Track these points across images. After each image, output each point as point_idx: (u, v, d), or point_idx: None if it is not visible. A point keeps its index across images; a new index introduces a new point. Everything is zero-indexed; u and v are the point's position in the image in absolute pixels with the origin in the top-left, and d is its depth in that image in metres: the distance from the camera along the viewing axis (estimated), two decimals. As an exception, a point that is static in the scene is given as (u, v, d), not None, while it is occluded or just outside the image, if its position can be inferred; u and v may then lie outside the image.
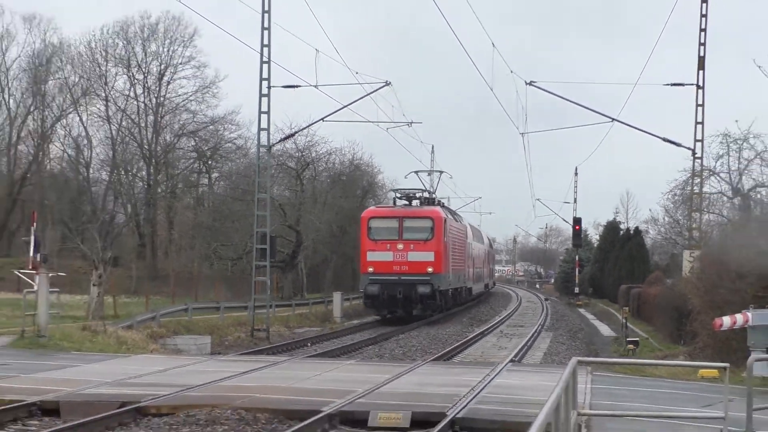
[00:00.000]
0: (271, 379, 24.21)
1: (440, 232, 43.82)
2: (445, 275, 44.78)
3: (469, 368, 28.83)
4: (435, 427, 17.07)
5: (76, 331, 35.09)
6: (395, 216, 45.55)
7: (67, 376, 23.41)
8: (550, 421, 8.49)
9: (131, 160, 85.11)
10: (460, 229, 59.39)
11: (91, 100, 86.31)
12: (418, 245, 43.34)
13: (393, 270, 43.44)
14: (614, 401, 20.53)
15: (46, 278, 33.93)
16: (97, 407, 18.63)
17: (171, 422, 18.11)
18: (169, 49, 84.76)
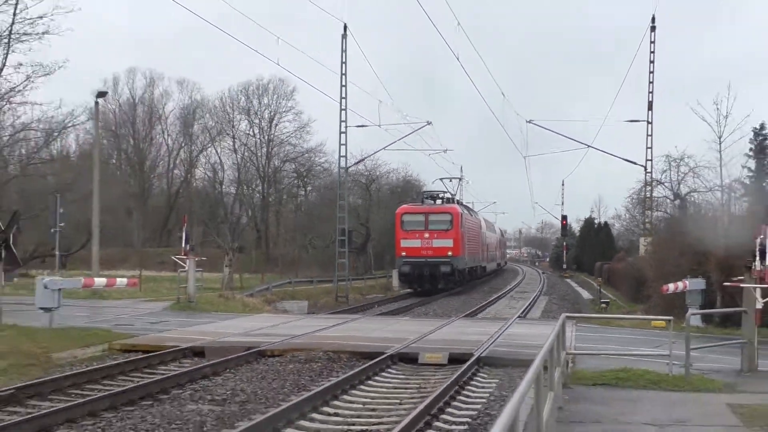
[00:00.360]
0: (350, 330, 24.38)
1: (457, 224, 43.17)
2: (462, 257, 44.29)
3: (489, 322, 28.82)
4: (465, 363, 17.40)
5: (214, 298, 35.46)
6: (422, 212, 44.88)
7: (209, 329, 23.72)
8: (547, 358, 9.06)
9: (251, 179, 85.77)
10: (475, 221, 57.86)
11: (222, 138, 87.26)
12: (441, 234, 42.67)
13: (421, 254, 42.69)
14: (592, 344, 20.85)
15: (193, 262, 34.42)
16: (230, 350, 19.03)
17: (281, 361, 18.48)
18: (276, 101, 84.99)
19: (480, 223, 61.04)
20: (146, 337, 21.17)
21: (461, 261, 43.65)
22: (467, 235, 47.02)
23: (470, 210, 57.64)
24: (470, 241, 48.97)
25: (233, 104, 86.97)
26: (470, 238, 49.17)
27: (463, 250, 44.62)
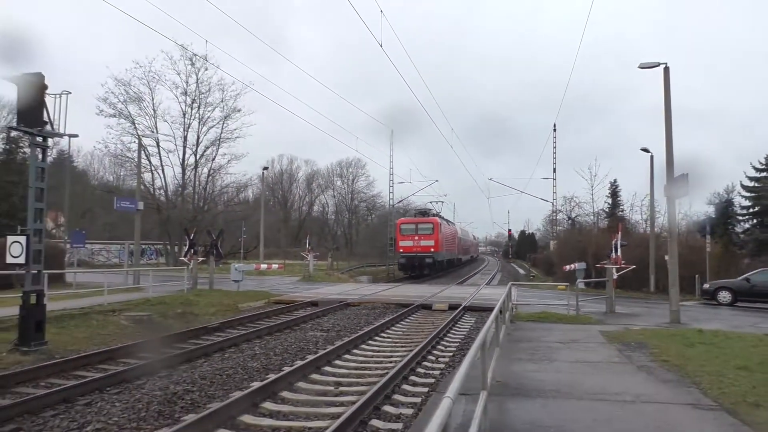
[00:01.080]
0: (394, 292, 24.06)
1: (437, 230, 39.10)
2: (441, 252, 40.16)
3: (469, 287, 28.84)
4: (457, 309, 17.38)
5: (322, 275, 35.38)
6: (413, 222, 40.14)
7: (320, 291, 23.80)
8: (502, 307, 9.09)
9: (342, 210, 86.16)
10: (452, 228, 51.87)
11: (327, 190, 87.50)
12: (426, 237, 38.31)
13: (413, 250, 38.33)
14: (526, 299, 20.77)
15: (312, 255, 34.81)
16: (331, 302, 18.97)
17: (358, 308, 18.53)
18: (356, 170, 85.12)
19: (456, 230, 54.48)
20: (287, 295, 21.35)
21: (440, 255, 40.09)
22: (445, 237, 43.26)
23: (448, 221, 51.25)
24: (447, 241, 44.62)
25: (333, 172, 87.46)
26: (447, 239, 44.85)
27: (442, 247, 41.01)
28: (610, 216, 45.81)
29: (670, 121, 16.38)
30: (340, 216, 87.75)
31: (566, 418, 6.05)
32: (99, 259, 44.77)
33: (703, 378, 7.96)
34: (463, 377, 3.38)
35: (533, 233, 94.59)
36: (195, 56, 38.23)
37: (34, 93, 10.85)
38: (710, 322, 15.72)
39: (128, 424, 6.37)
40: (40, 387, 8.17)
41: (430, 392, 7.96)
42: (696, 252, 27.33)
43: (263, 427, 6.43)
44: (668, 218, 17.51)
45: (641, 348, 10.67)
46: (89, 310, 15.18)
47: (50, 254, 16.83)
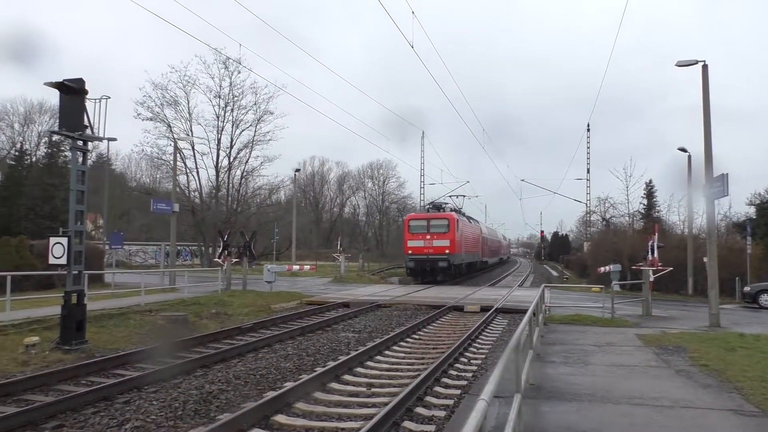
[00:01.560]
0: (426, 293, 24.06)
1: (453, 228, 32.32)
2: (458, 254, 33.55)
3: (502, 288, 28.48)
4: (490, 310, 17.25)
5: (353, 276, 35.59)
6: (425, 218, 33.43)
7: (351, 292, 23.79)
8: (535, 309, 8.99)
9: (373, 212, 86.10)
10: (474, 227, 43.12)
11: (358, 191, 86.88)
12: (439, 236, 31.78)
13: (424, 252, 31.92)
14: (559, 301, 20.47)
15: (343, 256, 34.98)
16: (363, 303, 19.08)
17: (390, 309, 18.48)
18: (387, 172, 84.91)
19: (480, 229, 46.16)
20: (319, 296, 21.45)
21: (457, 257, 33.81)
22: (465, 236, 36.25)
23: (470, 218, 44.17)
24: (468, 241, 37.66)
25: (364, 174, 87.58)
26: (468, 239, 37.83)
27: (460, 248, 34.31)
28: (645, 217, 44.84)
29: (709, 120, 15.98)
30: (371, 217, 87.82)
31: (602, 422, 5.95)
32: (136, 260, 45.76)
33: (744, 383, 7.73)
34: (498, 379, 3.35)
35: (566, 235, 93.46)
36: (228, 59, 38.85)
37: (75, 98, 11.17)
38: (751, 326, 15.29)
39: (165, 422, 6.49)
40: (81, 385, 8.38)
41: (462, 395, 7.91)
42: (736, 254, 26.59)
43: (296, 427, 6.48)
44: (707, 219, 17.09)
45: (679, 352, 10.42)
46: (127, 310, 15.51)
47: (90, 255, 17.25)
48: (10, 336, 11.51)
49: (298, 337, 12.97)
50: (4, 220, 41.12)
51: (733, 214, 40.55)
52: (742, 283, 24.63)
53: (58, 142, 44.27)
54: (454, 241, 31.86)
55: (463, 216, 38.53)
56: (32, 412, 6.59)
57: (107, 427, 6.28)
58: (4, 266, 18.99)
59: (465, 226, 36.92)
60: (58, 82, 10.93)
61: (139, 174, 67.73)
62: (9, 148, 50.70)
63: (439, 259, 31.36)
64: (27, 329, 12.18)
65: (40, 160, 48.29)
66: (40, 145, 50.84)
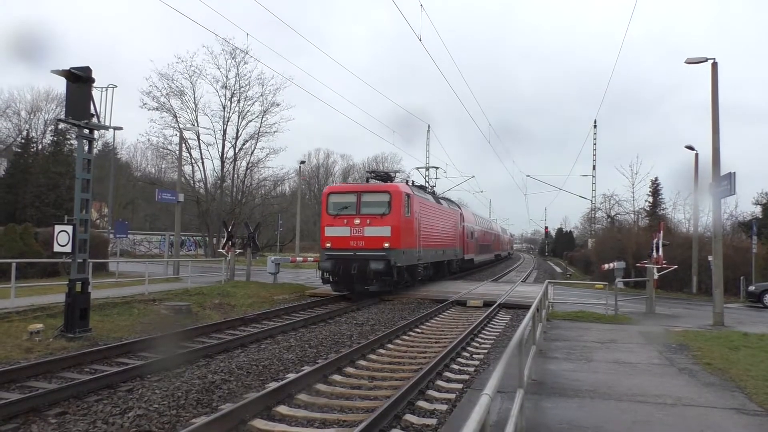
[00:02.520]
0: (429, 287, 23.72)
1: (399, 207, 20.11)
2: (408, 251, 21.12)
3: (505, 284, 28.42)
4: (492, 305, 17.23)
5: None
6: (353, 191, 21.28)
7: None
8: (538, 305, 8.96)
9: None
10: (447, 212, 29.30)
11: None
12: (375, 220, 20.01)
13: (349, 245, 20.14)
14: (563, 297, 20.41)
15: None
16: (365, 295, 19.02)
17: (392, 303, 18.53)
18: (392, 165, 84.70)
19: (461, 215, 33.23)
20: (322, 289, 21.33)
21: (405, 255, 20.68)
22: (424, 223, 23.40)
23: (444, 199, 31.86)
24: (431, 231, 24.82)
25: (369, 167, 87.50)
26: (432, 227, 24.97)
27: (412, 240, 21.41)
28: (651, 215, 44.84)
29: (717, 118, 15.88)
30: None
31: (604, 419, 5.94)
32: (140, 249, 45.93)
33: (747, 382, 7.71)
34: (500, 374, 3.34)
35: (571, 231, 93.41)
36: (235, 50, 38.76)
37: (82, 86, 11.17)
38: (756, 326, 15.25)
39: (168, 411, 6.51)
40: (84, 373, 8.42)
41: (464, 389, 7.92)
42: (741, 253, 26.50)
43: (298, 418, 6.49)
44: (713, 218, 16.98)
45: (683, 350, 10.40)
46: (131, 298, 15.57)
47: (94, 244, 17.28)
48: (14, 323, 11.57)
49: (300, 329, 13.00)
50: (10, 208, 41.28)
51: (739, 213, 40.50)
52: (746, 282, 24.58)
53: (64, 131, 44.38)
54: (399, 228, 19.49)
55: (426, 193, 26.12)
56: (36, 399, 6.62)
57: (110, 415, 6.30)
58: (9, 253, 19.08)
59: (425, 207, 23.55)
60: (65, 70, 10.93)
61: (145, 164, 67.86)
62: (15, 136, 50.80)
63: (373, 257, 18.97)
64: (31, 316, 12.25)
65: (46, 148, 48.43)
66: (47, 133, 50.94)
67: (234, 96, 41.42)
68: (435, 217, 25.32)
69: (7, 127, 51.96)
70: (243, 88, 41.32)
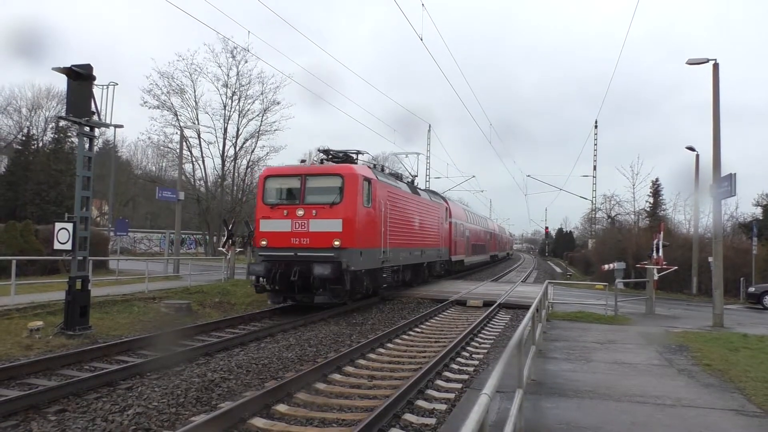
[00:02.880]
0: (429, 287, 23.76)
1: (355, 195, 14.74)
2: (366, 251, 15.52)
3: (505, 284, 28.38)
4: (492, 305, 17.23)
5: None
6: (296, 174, 15.32)
7: None
8: (538, 305, 8.96)
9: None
10: (428, 204, 24.49)
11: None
12: (323, 211, 14.47)
13: (290, 243, 14.56)
14: (562, 298, 20.40)
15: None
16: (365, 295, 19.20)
17: (392, 302, 18.41)
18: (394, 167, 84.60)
19: (445, 210, 27.88)
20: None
21: (360, 257, 15.36)
22: (392, 216, 18.16)
23: (415, 186, 24.61)
24: (402, 227, 19.60)
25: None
26: (403, 221, 19.73)
27: (371, 239, 16.28)
28: (651, 215, 44.82)
29: (718, 119, 15.88)
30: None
31: (603, 420, 5.94)
32: (140, 247, 45.89)
33: (747, 383, 7.71)
34: (500, 374, 3.34)
35: (571, 231, 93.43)
36: (236, 48, 38.73)
37: (83, 84, 11.17)
38: (755, 327, 15.25)
39: (167, 409, 6.51)
40: (84, 370, 8.44)
41: (464, 388, 7.92)
42: (741, 254, 26.52)
43: (297, 416, 6.49)
44: (713, 219, 16.98)
45: (682, 351, 10.40)
46: (131, 296, 15.57)
47: (95, 241, 17.28)
48: (14, 320, 11.57)
49: (300, 328, 12.99)
50: (10, 205, 41.27)
51: (739, 215, 40.45)
52: (746, 283, 24.59)
53: (65, 128, 44.28)
54: (354, 221, 15.14)
55: (398, 181, 20.80)
56: (35, 396, 6.63)
57: (109, 413, 6.30)
58: (9, 250, 19.09)
59: (395, 197, 18.83)
60: (66, 67, 10.94)
61: (145, 162, 67.71)
62: (16, 133, 50.76)
63: (318, 259, 14.60)
64: (31, 313, 12.25)
65: (46, 146, 48.33)
66: (47, 131, 50.87)
67: (235, 94, 41.45)
68: (410, 210, 20.78)
69: (7, 124, 51.94)
70: (244, 87, 41.34)
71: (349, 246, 14.79)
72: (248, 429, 6.03)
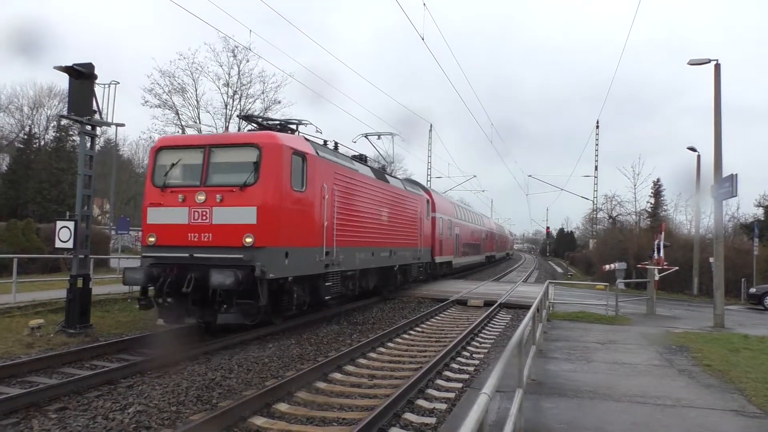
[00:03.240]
0: (430, 286, 23.64)
1: (277, 173, 9.73)
2: (297, 250, 10.47)
3: (506, 284, 28.37)
4: (493, 305, 17.21)
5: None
6: (198, 145, 10.14)
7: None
8: (539, 305, 8.96)
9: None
10: (399, 193, 18.77)
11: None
12: (232, 196, 9.40)
13: (187, 240, 9.46)
14: (563, 298, 20.39)
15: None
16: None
17: (393, 302, 18.39)
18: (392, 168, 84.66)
19: (426, 203, 23.28)
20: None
21: (286, 260, 10.42)
22: (342, 204, 13.21)
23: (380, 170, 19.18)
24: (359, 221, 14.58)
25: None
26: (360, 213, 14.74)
27: (305, 234, 11.24)
28: (652, 216, 44.82)
29: (720, 120, 15.86)
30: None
31: (603, 420, 5.94)
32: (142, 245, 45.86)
33: (747, 384, 7.70)
34: (500, 374, 3.34)
35: (572, 231, 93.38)
36: (237, 47, 38.70)
37: (85, 83, 11.18)
38: (756, 328, 15.23)
39: (168, 408, 6.52)
40: (84, 368, 8.45)
41: (464, 388, 7.92)
42: (743, 255, 26.49)
43: (298, 415, 6.50)
44: (714, 220, 16.95)
45: (683, 351, 10.39)
46: (132, 295, 15.58)
47: (96, 240, 17.32)
48: (15, 318, 11.60)
49: (301, 327, 12.98)
50: (12, 203, 41.30)
51: (740, 215, 40.43)
52: (747, 284, 24.57)
53: (66, 127, 44.30)
54: (275, 210, 10.54)
55: (354, 161, 15.77)
56: (36, 394, 6.64)
57: (110, 411, 6.31)
58: (11, 249, 19.12)
59: (347, 181, 14.18)
60: (67, 66, 10.96)
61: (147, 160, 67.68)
62: (18, 132, 50.80)
63: (220, 263, 10.08)
64: (32, 311, 12.29)
65: (48, 144, 48.35)
66: (49, 129, 50.89)
67: (236, 94, 41.43)
68: (373, 200, 16.04)
69: (9, 122, 51.93)
70: (245, 86, 41.30)
71: (268, 244, 10.14)
72: (249, 428, 6.04)
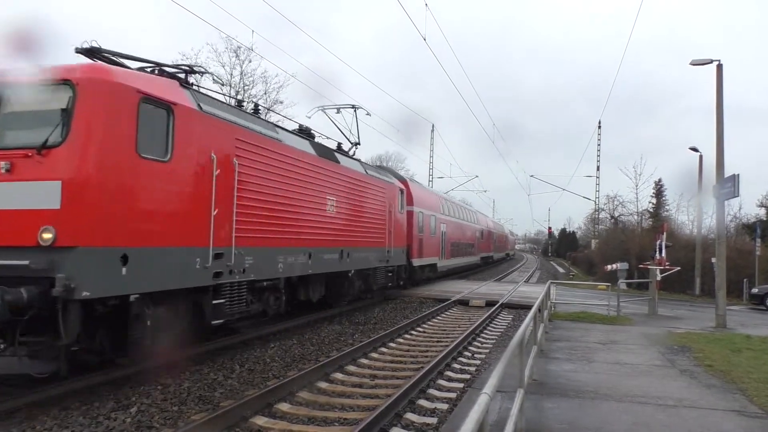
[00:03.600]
0: (431, 287, 23.70)
1: (109, 126, 4.94)
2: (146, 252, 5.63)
3: (508, 284, 28.39)
4: (494, 305, 17.21)
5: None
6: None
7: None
8: (540, 305, 8.97)
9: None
10: (353, 177, 14.24)
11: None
12: (25, 165, 4.50)
13: None
14: (565, 298, 20.39)
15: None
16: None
17: (395, 302, 18.36)
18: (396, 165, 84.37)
19: (399, 194, 19.09)
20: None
21: (124, 270, 5.80)
22: (250, 187, 8.98)
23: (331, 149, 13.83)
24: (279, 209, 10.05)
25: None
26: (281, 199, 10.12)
27: (169, 227, 6.70)
28: (654, 216, 44.77)
29: (722, 120, 15.85)
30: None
31: (604, 420, 5.94)
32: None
33: (749, 384, 7.70)
34: (501, 374, 3.35)
35: (574, 232, 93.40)
36: (239, 48, 38.70)
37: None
38: (758, 328, 15.22)
39: (170, 407, 6.54)
40: (87, 368, 8.45)
41: (465, 388, 7.93)
42: (745, 255, 26.49)
43: (299, 415, 6.51)
44: (716, 220, 16.97)
45: (684, 352, 10.39)
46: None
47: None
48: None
49: (302, 328, 12.98)
50: None
51: (743, 216, 40.44)
52: (749, 284, 24.54)
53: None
54: (98, 184, 6.12)
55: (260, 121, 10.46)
56: (37, 393, 6.63)
57: (112, 411, 6.33)
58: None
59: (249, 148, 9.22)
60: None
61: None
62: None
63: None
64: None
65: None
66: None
67: (238, 94, 41.43)
68: (309, 183, 11.92)
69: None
70: (247, 86, 41.31)
71: (83, 242, 6.13)
72: (250, 427, 6.06)
